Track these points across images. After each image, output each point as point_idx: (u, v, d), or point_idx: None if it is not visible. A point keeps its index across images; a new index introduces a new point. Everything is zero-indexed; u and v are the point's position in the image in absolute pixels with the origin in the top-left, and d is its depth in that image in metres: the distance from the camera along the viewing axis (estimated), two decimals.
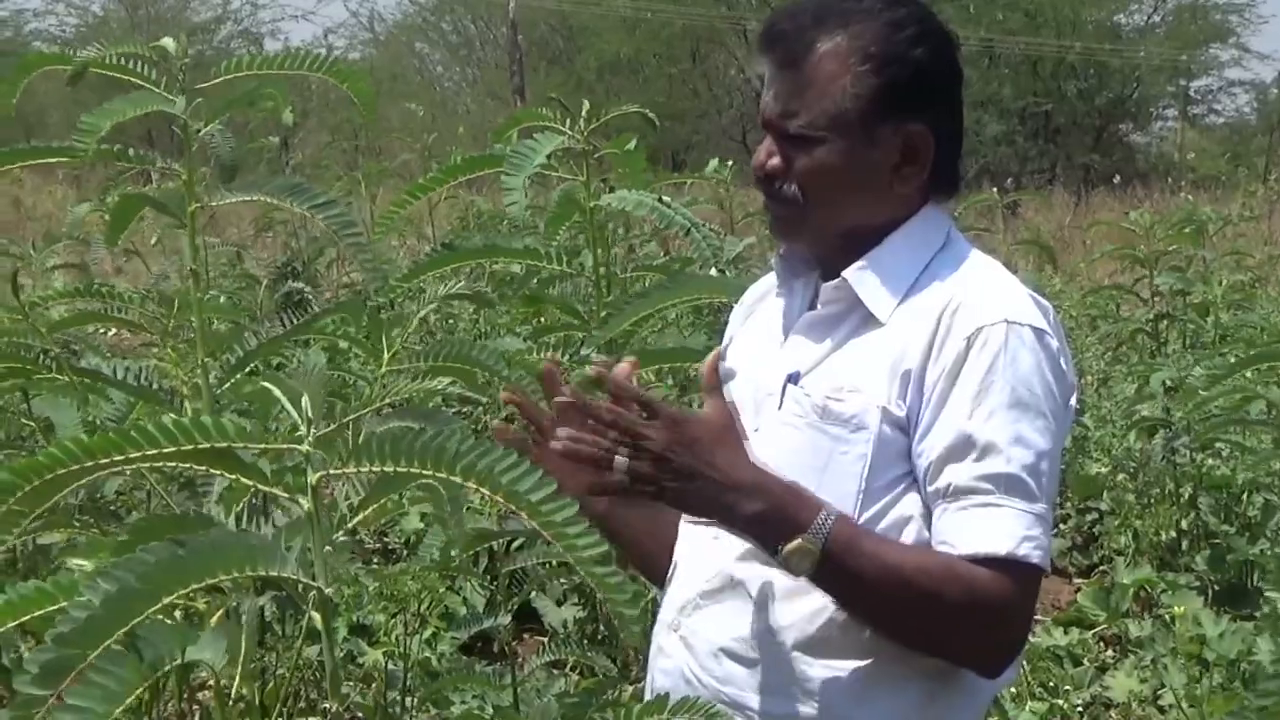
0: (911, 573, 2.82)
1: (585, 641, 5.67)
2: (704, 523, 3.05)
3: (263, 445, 2.36)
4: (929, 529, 2.88)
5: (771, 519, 2.79)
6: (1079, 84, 50.60)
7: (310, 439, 2.34)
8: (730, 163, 10.35)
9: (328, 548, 2.41)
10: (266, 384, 2.62)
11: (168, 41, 3.65)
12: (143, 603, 2.14)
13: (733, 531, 2.90)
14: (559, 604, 6.89)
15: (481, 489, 2.25)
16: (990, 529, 2.80)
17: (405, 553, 7.53)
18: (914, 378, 2.89)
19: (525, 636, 7.26)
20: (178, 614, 2.83)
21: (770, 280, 3.27)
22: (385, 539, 7.74)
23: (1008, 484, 2.81)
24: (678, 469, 2.75)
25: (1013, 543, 2.79)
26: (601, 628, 6.27)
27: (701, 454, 2.77)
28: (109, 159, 3.67)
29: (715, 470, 2.77)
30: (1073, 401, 2.99)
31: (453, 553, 4.47)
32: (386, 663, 5.68)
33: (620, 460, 2.73)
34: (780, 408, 3.01)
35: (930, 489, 2.87)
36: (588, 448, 2.75)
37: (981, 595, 2.79)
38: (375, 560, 7.76)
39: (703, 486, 2.77)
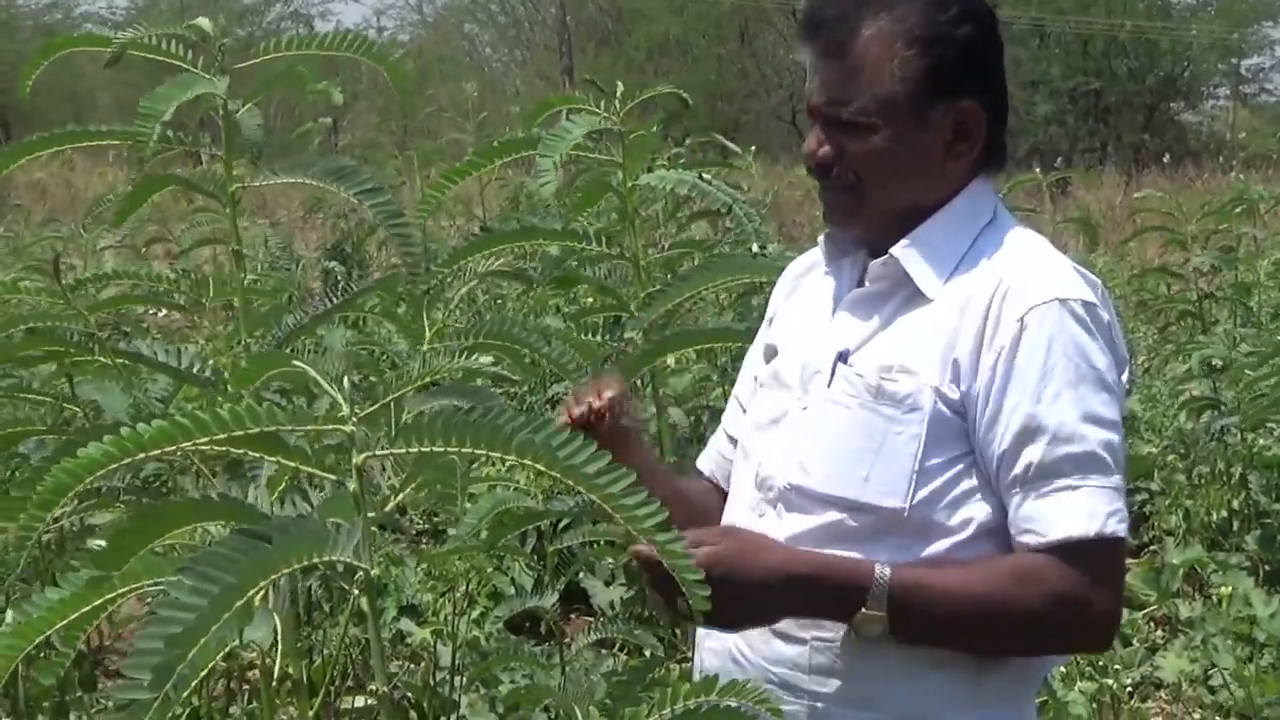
0: (986, 594, 2.82)
1: (632, 621, 5.66)
2: (749, 505, 3.06)
3: (309, 428, 2.35)
4: (989, 506, 2.88)
5: (831, 604, 2.81)
6: (1129, 63, 50.36)
7: (354, 419, 2.33)
8: (754, 148, 10.31)
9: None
10: (301, 364, 2.62)
11: (204, 21, 3.65)
12: (237, 595, 2.15)
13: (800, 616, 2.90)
14: (606, 584, 6.89)
15: (538, 465, 2.23)
16: (1075, 512, 2.80)
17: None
18: (968, 361, 2.87)
19: (573, 616, 7.27)
20: None
21: (812, 256, 3.26)
22: (435, 519, 7.74)
23: (1085, 463, 2.81)
24: (724, 596, 2.67)
25: (1100, 522, 2.79)
26: (646, 608, 6.25)
27: (738, 573, 2.76)
28: (163, 143, 3.66)
29: (757, 586, 2.78)
30: (1125, 375, 2.98)
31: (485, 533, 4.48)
32: (435, 642, 5.70)
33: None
34: (830, 385, 2.99)
35: (1007, 476, 2.85)
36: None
37: (1064, 585, 2.80)
38: (424, 541, 7.77)
39: (756, 600, 2.78)
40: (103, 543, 2.60)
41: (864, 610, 2.77)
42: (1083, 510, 2.79)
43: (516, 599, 6.11)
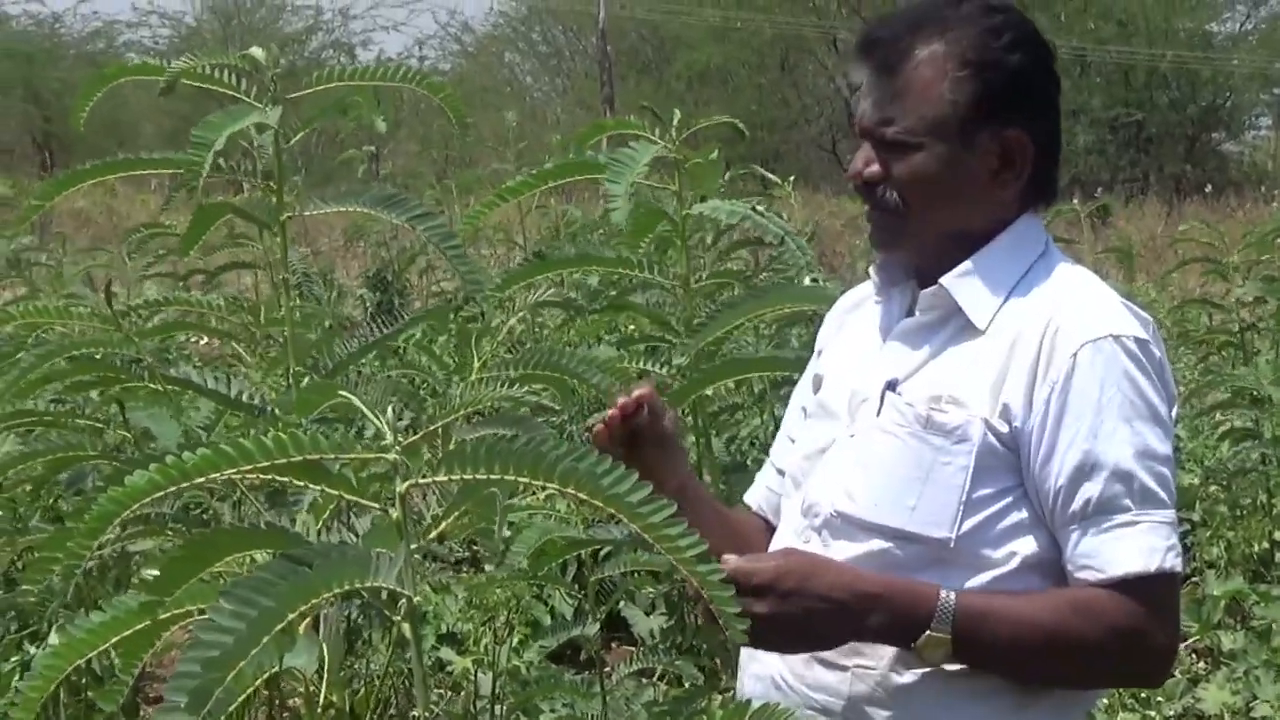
0: (1048, 623, 2.82)
1: (673, 651, 5.66)
2: (795, 532, 3.07)
3: (352, 456, 2.36)
4: (1036, 540, 2.89)
5: (897, 624, 2.81)
6: (1170, 93, 50.27)
7: (397, 448, 2.34)
8: (793, 178, 10.31)
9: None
10: (347, 394, 2.63)
11: (257, 51, 3.67)
12: (274, 621, 2.16)
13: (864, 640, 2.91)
14: (647, 613, 6.88)
15: (580, 494, 2.24)
16: (1134, 548, 2.81)
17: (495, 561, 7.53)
18: (1021, 397, 2.88)
19: (613, 645, 7.27)
20: None
21: (862, 291, 3.27)
22: (474, 547, 7.74)
23: (1141, 498, 2.82)
24: (789, 614, 2.75)
25: (1158, 558, 2.81)
26: (690, 637, 6.25)
27: (806, 588, 2.77)
28: (213, 172, 3.68)
29: (824, 602, 2.78)
30: (1174, 411, 2.98)
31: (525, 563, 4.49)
32: (475, 671, 5.70)
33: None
34: (879, 414, 3.00)
35: (1064, 513, 2.86)
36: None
37: (1125, 621, 2.81)
38: (464, 569, 7.77)
39: (815, 623, 2.79)
40: (154, 572, 2.61)
41: (929, 632, 2.78)
42: (1142, 546, 2.81)
43: (558, 629, 6.11)
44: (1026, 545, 2.89)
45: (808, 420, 3.24)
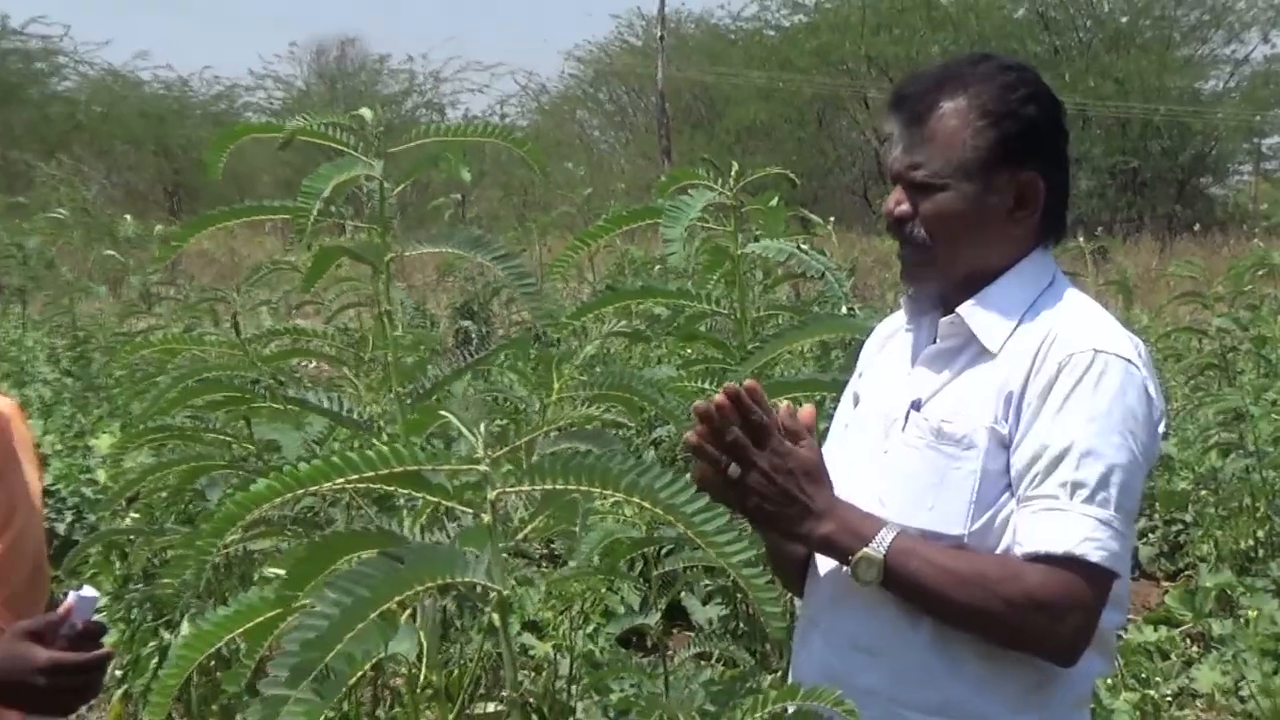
0: (968, 574, 2.83)
1: (728, 636, 5.65)
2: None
3: (447, 467, 2.36)
4: None
5: (842, 537, 2.85)
6: (1163, 143, 50.21)
7: (487, 460, 2.34)
8: (833, 219, 10.36)
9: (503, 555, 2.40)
10: (446, 412, 2.63)
11: (366, 112, 3.68)
12: (369, 609, 2.17)
13: (810, 547, 3.00)
14: (705, 603, 6.86)
15: (643, 503, 2.24)
16: (1054, 530, 2.80)
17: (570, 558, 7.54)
18: (1015, 401, 2.89)
19: (675, 632, 7.25)
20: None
21: (898, 319, 3.27)
22: (552, 545, 7.75)
23: (1074, 489, 2.81)
24: (770, 492, 2.83)
25: (1072, 542, 2.79)
26: (742, 624, 6.24)
27: (792, 482, 2.84)
28: (322, 217, 3.69)
29: (802, 496, 2.85)
30: (1160, 427, 2.98)
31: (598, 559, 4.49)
32: (555, 655, 5.70)
33: (733, 469, 2.83)
34: (904, 430, 3.02)
35: (1016, 494, 2.87)
36: (710, 452, 2.82)
37: (1039, 591, 2.79)
38: (543, 565, 7.78)
39: (788, 510, 2.85)
40: (276, 570, 2.62)
41: (865, 550, 2.83)
42: (1062, 530, 2.80)
43: (626, 617, 6.11)
44: None
45: (848, 432, 3.25)
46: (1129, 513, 2.87)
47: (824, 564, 3.12)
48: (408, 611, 3.35)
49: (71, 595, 2.93)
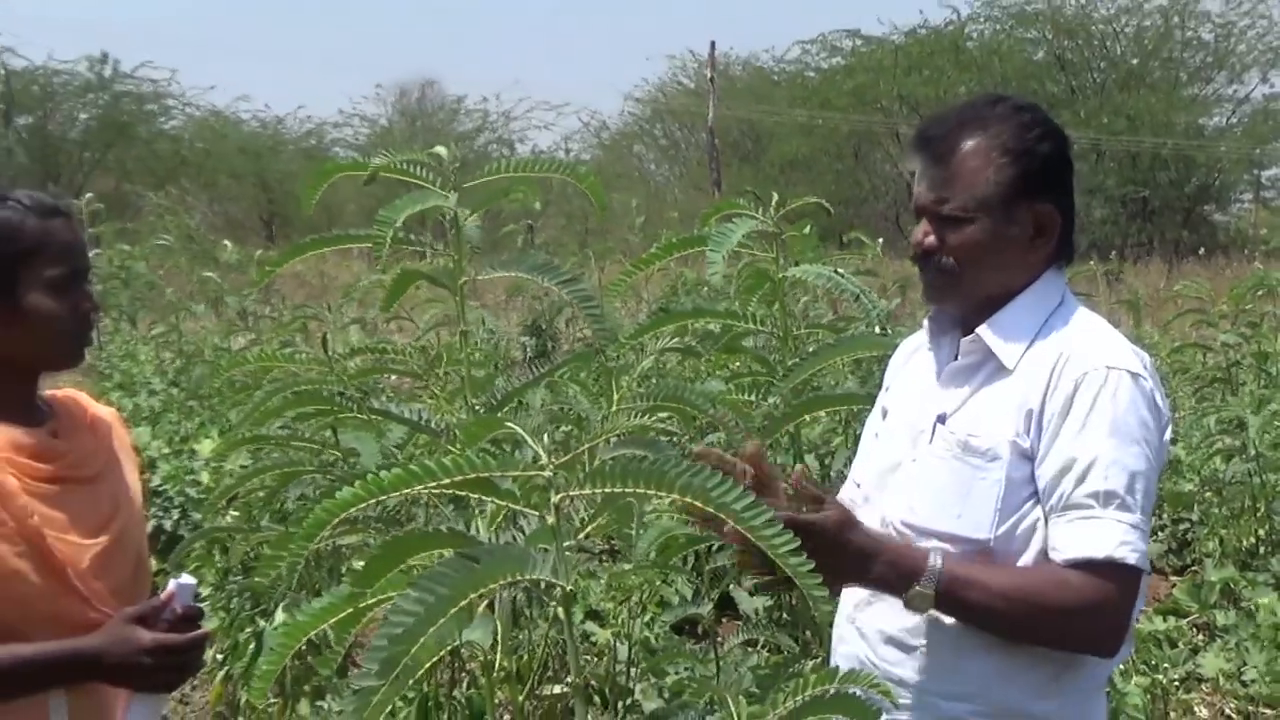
0: (1014, 591, 2.82)
1: (773, 625, 5.63)
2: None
3: (515, 474, 2.37)
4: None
5: (893, 577, 2.83)
6: (1170, 174, 50.04)
7: (551, 467, 2.35)
8: (881, 240, 10.35)
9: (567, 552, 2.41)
10: (511, 424, 2.64)
11: (441, 150, 3.70)
12: (449, 605, 2.18)
13: (867, 587, 2.98)
14: (751, 594, 6.86)
15: (696, 502, 2.25)
16: (1091, 536, 2.80)
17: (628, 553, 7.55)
18: (1035, 416, 2.89)
19: (724, 620, 7.24)
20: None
21: (920, 337, 3.27)
22: (612, 541, 7.75)
23: (1105, 498, 2.81)
24: (825, 552, 2.73)
25: (1110, 547, 2.79)
26: (785, 614, 6.22)
27: (839, 542, 2.80)
28: (397, 243, 3.71)
29: (850, 549, 2.81)
30: (1167, 435, 2.98)
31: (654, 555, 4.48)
32: (614, 641, 5.70)
33: None
34: (931, 442, 3.03)
35: (1046, 505, 2.87)
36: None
37: (1081, 595, 2.79)
38: (604, 559, 7.78)
39: (841, 563, 2.81)
40: (362, 564, 2.63)
41: (917, 587, 2.81)
42: (1098, 536, 2.80)
43: (680, 607, 6.12)
44: (1044, 539, 2.88)
45: (878, 442, 3.25)
46: (1149, 513, 2.88)
47: None
48: (484, 603, 3.35)
49: (172, 583, 2.98)
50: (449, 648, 2.80)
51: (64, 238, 3.01)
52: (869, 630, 3.08)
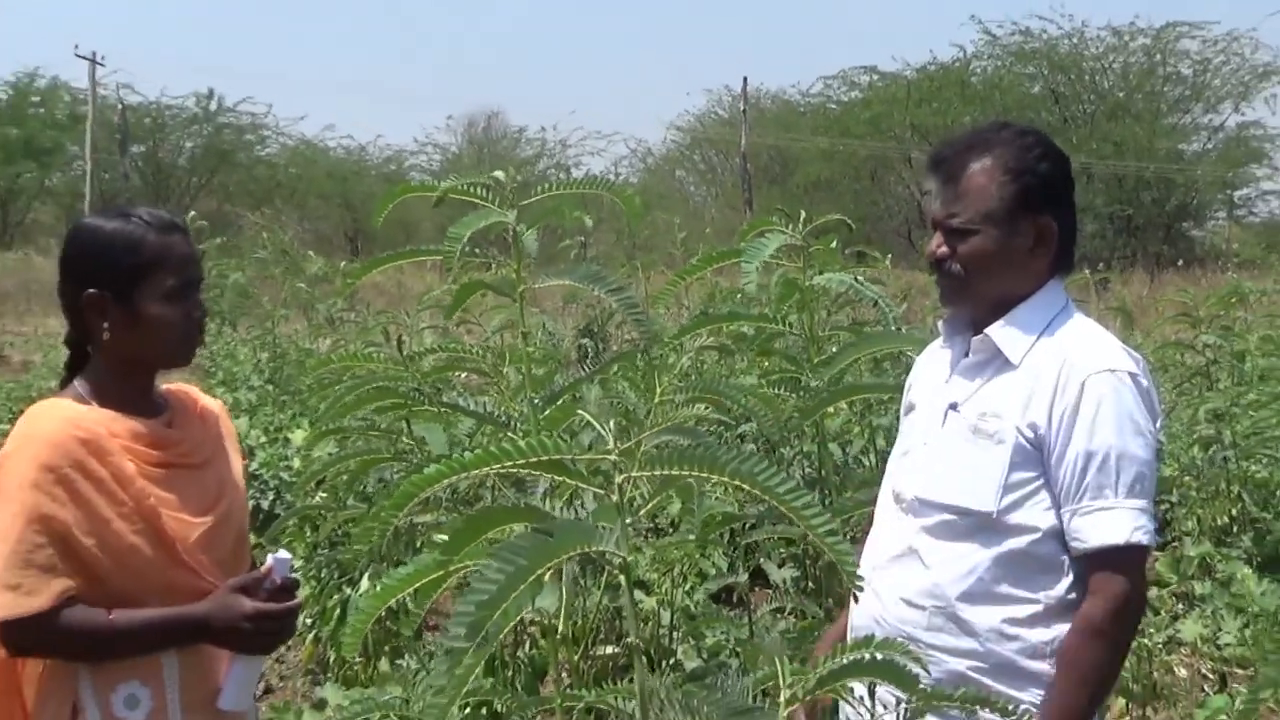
0: (1076, 672, 2.84)
1: (801, 594, 5.63)
2: (889, 511, 3.09)
3: (586, 456, 2.37)
4: (1056, 513, 2.90)
5: None
6: (1152, 194, 49.87)
7: (615, 451, 2.35)
8: (890, 254, 10.35)
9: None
10: (584, 412, 2.64)
11: (499, 174, 3.73)
12: (527, 574, 2.17)
13: None
14: (780, 566, 6.85)
15: (745, 486, 2.24)
16: (1112, 525, 2.83)
17: (670, 530, 7.54)
18: (1043, 413, 2.90)
19: (756, 590, 7.23)
20: None
21: (938, 343, 3.31)
22: (655, 520, 7.75)
23: (1119, 490, 2.83)
24: None
25: (1129, 533, 2.82)
26: (811, 584, 6.20)
27: None
28: (465, 256, 3.72)
29: None
30: (1159, 425, 2.98)
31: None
32: (659, 608, 5.70)
33: None
34: (943, 426, 3.06)
35: (1065, 498, 2.88)
36: None
37: (1105, 608, 2.83)
38: (648, 535, 7.78)
39: None
40: (442, 537, 2.63)
41: None
42: (1118, 524, 2.83)
43: (717, 578, 6.11)
44: (1048, 519, 2.90)
45: (900, 432, 3.29)
46: (1153, 495, 2.90)
47: (884, 525, 3.16)
48: (551, 572, 3.36)
49: (270, 557, 2.99)
50: (523, 613, 2.79)
51: (181, 251, 3.01)
52: (884, 591, 3.08)
